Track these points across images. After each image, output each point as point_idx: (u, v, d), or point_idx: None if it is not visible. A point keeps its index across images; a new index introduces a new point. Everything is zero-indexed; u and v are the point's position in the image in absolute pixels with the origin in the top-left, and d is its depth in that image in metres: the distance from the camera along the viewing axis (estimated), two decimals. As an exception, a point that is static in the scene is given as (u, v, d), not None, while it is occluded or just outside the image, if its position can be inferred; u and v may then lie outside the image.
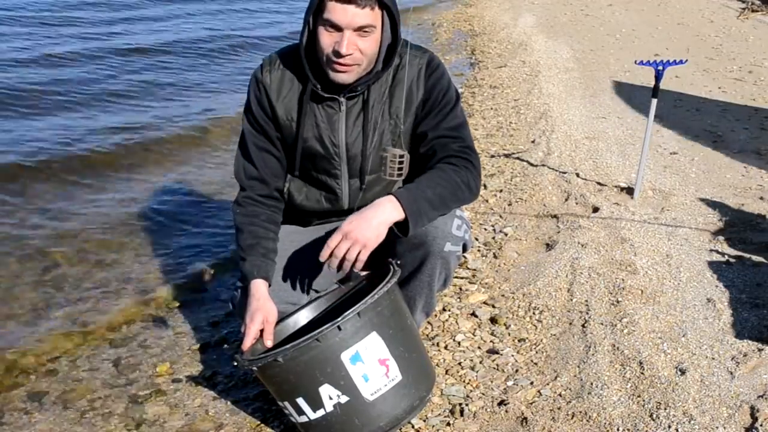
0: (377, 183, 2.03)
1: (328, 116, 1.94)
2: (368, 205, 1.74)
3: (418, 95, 1.93)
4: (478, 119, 4.99)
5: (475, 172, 1.89)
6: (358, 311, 1.64)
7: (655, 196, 3.55)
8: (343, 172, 2.00)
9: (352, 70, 1.83)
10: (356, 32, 1.77)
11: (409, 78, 1.91)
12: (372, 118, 1.93)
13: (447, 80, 1.96)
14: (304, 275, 2.01)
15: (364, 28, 1.76)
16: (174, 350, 2.42)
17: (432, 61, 1.95)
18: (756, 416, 1.90)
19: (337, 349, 1.65)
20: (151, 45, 7.01)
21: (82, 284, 2.83)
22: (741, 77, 6.22)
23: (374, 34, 1.80)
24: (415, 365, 1.79)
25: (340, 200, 2.04)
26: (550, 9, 9.93)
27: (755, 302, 2.53)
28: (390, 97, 1.93)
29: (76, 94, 5.29)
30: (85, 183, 3.85)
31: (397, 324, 1.76)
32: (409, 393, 1.75)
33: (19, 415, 2.08)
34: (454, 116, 1.93)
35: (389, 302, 1.72)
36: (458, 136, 1.91)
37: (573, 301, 2.56)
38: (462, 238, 1.97)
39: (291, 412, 1.75)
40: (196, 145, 4.49)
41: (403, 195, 1.74)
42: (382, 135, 1.95)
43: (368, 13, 1.75)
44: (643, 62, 3.40)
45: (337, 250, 1.70)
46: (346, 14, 1.74)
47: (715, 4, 10.12)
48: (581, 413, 1.95)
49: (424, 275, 1.97)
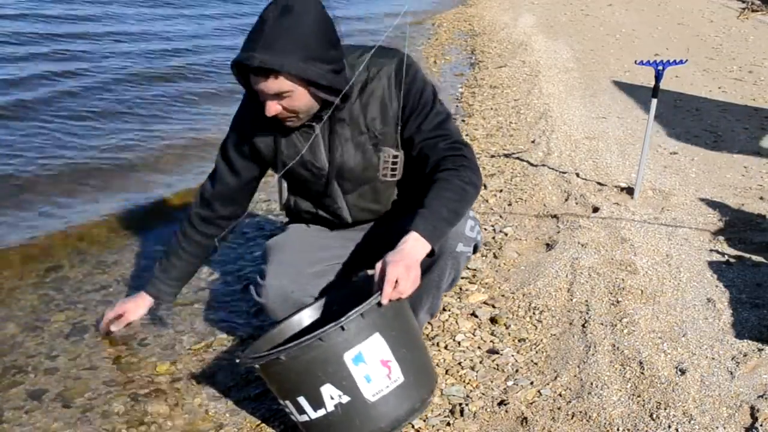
0: (374, 191, 2.05)
1: (307, 141, 1.95)
2: (398, 250, 1.71)
3: (393, 104, 1.91)
4: (478, 119, 4.99)
5: (472, 164, 1.88)
6: (362, 312, 1.64)
7: (655, 196, 3.55)
8: (336, 190, 2.04)
9: (293, 121, 1.86)
10: (275, 97, 1.76)
11: (380, 89, 1.89)
12: (350, 136, 1.94)
13: (420, 80, 1.92)
14: (318, 274, 2.08)
15: (279, 94, 1.76)
16: (174, 350, 2.42)
17: (400, 65, 1.90)
18: (756, 416, 1.90)
19: (340, 350, 1.65)
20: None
21: (82, 285, 2.83)
22: (741, 77, 6.22)
23: (295, 93, 1.76)
24: (417, 367, 1.79)
25: (342, 216, 2.10)
26: (550, 9, 9.92)
27: (755, 302, 2.53)
28: (364, 111, 1.92)
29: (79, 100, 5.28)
30: (87, 183, 3.85)
31: (401, 326, 1.76)
32: (411, 395, 1.75)
33: (19, 413, 2.08)
34: (434, 114, 1.92)
35: (393, 304, 1.72)
36: (443, 134, 1.90)
37: (573, 301, 2.56)
38: (474, 239, 2.00)
39: (292, 410, 1.76)
40: (200, 148, 4.48)
41: (426, 229, 1.73)
42: (363, 149, 1.95)
43: (273, 82, 1.72)
44: (643, 62, 3.40)
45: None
46: (257, 84, 1.75)
47: (715, 4, 10.12)
48: (581, 413, 1.95)
49: (434, 274, 1.98)
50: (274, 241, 2.15)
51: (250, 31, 1.73)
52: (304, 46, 1.71)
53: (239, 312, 2.66)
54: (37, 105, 4.90)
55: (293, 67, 1.70)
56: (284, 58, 1.68)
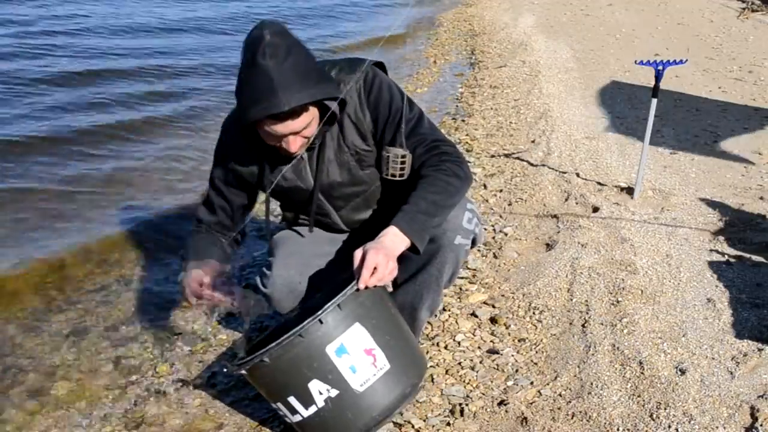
0: (366, 202, 2.07)
1: (294, 168, 1.96)
2: (378, 241, 1.73)
3: (366, 119, 1.92)
4: (478, 119, 4.99)
5: (452, 157, 1.89)
6: (338, 303, 1.65)
7: (655, 196, 3.55)
8: (327, 207, 2.06)
9: (303, 149, 1.87)
10: (297, 132, 1.78)
11: (352, 107, 1.91)
12: (333, 157, 1.95)
13: (387, 90, 1.93)
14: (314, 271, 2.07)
15: (305, 127, 1.77)
16: (174, 350, 2.42)
17: (367, 79, 1.91)
18: (756, 416, 1.90)
19: (322, 343, 1.65)
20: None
21: (83, 285, 2.84)
22: (741, 77, 6.22)
23: (314, 120, 1.80)
24: (402, 353, 1.78)
25: (339, 228, 2.12)
26: (550, 9, 9.92)
27: (755, 302, 2.53)
28: (341, 130, 1.93)
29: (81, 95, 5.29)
30: (88, 183, 3.85)
31: (380, 313, 1.76)
32: (400, 381, 1.75)
33: (19, 414, 2.08)
34: (407, 121, 1.92)
35: (370, 292, 1.72)
36: (421, 139, 1.91)
37: (573, 301, 2.56)
38: (472, 231, 1.99)
39: (285, 413, 1.76)
40: (203, 151, 4.48)
41: (404, 222, 1.75)
42: (348, 166, 1.97)
43: (305, 116, 1.75)
44: (643, 62, 3.40)
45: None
46: (286, 128, 1.74)
47: (715, 4, 10.11)
48: (581, 413, 1.95)
49: (433, 268, 1.98)
50: (281, 235, 2.16)
51: (250, 88, 1.70)
52: (310, 72, 1.74)
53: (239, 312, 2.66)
54: (46, 112, 4.92)
55: (315, 93, 1.73)
56: (306, 90, 1.70)
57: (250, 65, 1.68)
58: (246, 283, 2.86)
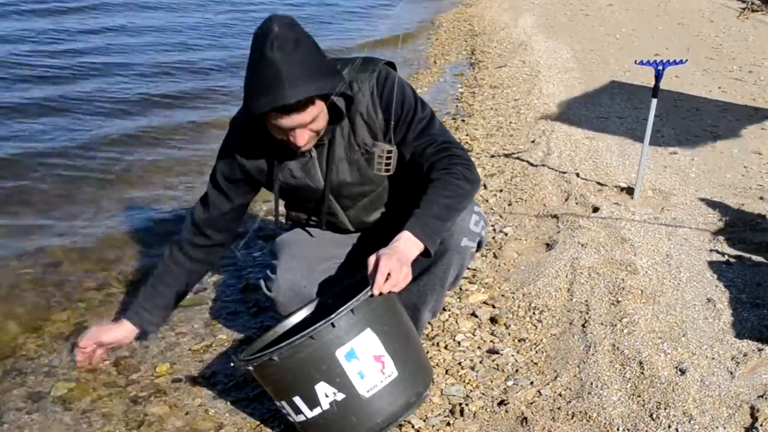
0: (373, 203, 2.06)
1: (302, 165, 1.96)
2: (392, 246, 1.73)
3: (378, 118, 1.92)
4: (478, 119, 4.99)
5: (462, 160, 1.89)
6: (352, 308, 1.65)
7: (655, 196, 3.55)
8: (336, 207, 2.05)
9: (311, 144, 1.86)
10: (306, 125, 1.77)
11: (364, 105, 1.90)
12: (344, 155, 1.95)
13: (400, 89, 1.92)
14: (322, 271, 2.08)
15: (312, 120, 1.76)
16: (174, 350, 2.42)
17: (380, 78, 1.91)
18: (756, 416, 1.90)
19: (332, 347, 1.65)
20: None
21: (83, 284, 2.84)
22: (741, 77, 6.21)
23: (322, 114, 1.79)
24: (411, 361, 1.79)
25: (346, 228, 2.12)
26: (550, 9, 9.90)
27: (755, 302, 2.53)
28: (352, 128, 1.93)
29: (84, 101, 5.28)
30: (89, 184, 3.85)
31: (392, 320, 1.76)
32: (406, 389, 1.75)
33: (19, 414, 2.08)
34: (418, 121, 1.92)
35: (383, 299, 1.72)
36: (431, 140, 1.91)
37: (573, 301, 2.56)
38: (478, 234, 2.00)
39: (289, 411, 1.76)
40: (204, 150, 4.48)
41: (417, 227, 1.75)
42: (358, 165, 1.96)
43: (312, 109, 1.73)
44: (643, 62, 3.40)
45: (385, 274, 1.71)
46: (293, 121, 1.73)
47: (715, 4, 10.11)
48: (581, 413, 1.95)
49: (438, 269, 1.98)
50: (285, 237, 2.15)
51: (257, 79, 1.69)
52: (318, 66, 1.73)
53: (239, 312, 2.67)
54: (45, 108, 4.91)
55: (323, 86, 1.73)
56: (313, 83, 1.70)
57: (258, 57, 1.68)
58: (246, 283, 2.86)
